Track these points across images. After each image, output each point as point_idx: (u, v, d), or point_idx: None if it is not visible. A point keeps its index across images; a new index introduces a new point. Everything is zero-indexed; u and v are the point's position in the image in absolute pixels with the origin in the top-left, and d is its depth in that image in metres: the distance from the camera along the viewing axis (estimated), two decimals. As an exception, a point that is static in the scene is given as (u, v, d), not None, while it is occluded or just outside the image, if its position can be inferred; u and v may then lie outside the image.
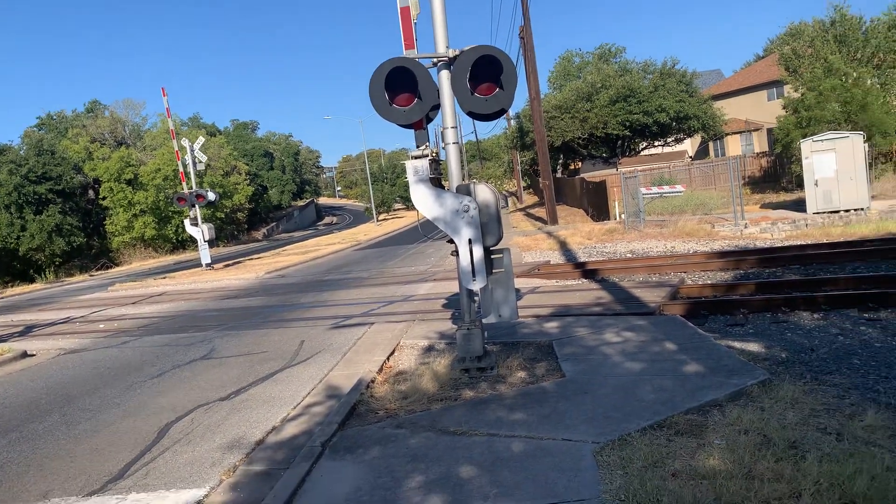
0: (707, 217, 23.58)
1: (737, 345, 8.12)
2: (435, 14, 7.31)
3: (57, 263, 50.54)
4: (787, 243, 17.22)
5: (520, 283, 13.94)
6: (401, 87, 7.32)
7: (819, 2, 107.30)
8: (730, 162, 24.63)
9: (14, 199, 49.40)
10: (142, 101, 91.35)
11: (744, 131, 52.61)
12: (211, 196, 29.33)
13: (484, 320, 7.75)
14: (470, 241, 7.06)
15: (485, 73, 7.19)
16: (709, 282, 13.09)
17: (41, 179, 50.85)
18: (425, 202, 7.26)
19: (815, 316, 9.39)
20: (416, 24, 7.35)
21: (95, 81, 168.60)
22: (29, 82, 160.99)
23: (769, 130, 46.74)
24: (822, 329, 8.70)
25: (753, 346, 8.05)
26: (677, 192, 25.43)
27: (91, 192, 59.25)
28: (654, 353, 7.59)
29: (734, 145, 52.67)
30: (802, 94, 29.68)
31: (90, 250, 56.10)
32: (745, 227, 20.41)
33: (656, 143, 46.90)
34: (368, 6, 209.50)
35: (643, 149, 48.42)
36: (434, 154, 7.58)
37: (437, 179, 7.56)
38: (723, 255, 15.76)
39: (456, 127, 7.58)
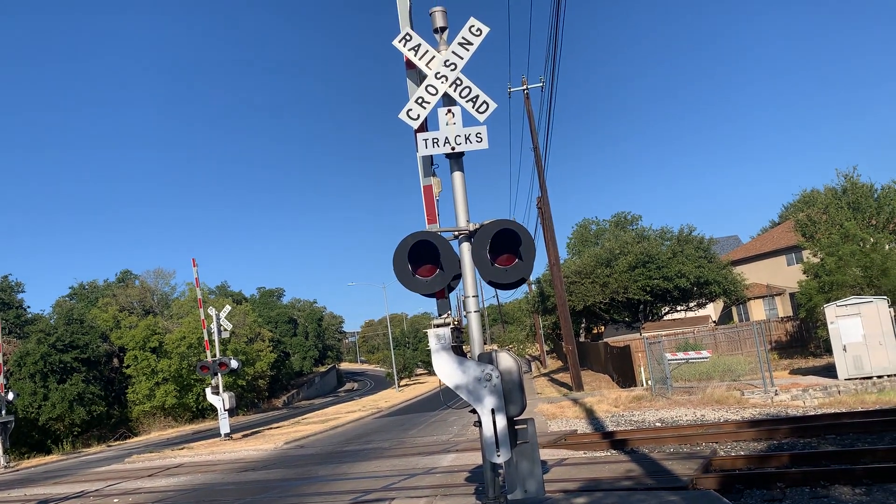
0: (735, 383, 23.07)
1: (777, 522, 7.68)
2: (456, 191, 7.66)
3: (76, 433, 49.93)
4: (820, 411, 16.69)
5: (546, 454, 13.49)
6: (423, 258, 7.55)
7: (829, 170, 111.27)
8: (755, 327, 24.43)
9: (39, 367, 49.68)
10: (172, 271, 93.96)
11: (766, 296, 52.62)
12: (233, 364, 29.41)
13: (509, 496, 7.44)
14: (493, 410, 6.96)
15: (504, 245, 7.42)
16: (742, 453, 12.59)
17: (68, 348, 51.42)
18: (447, 370, 7.25)
19: (857, 491, 8.92)
20: (438, 200, 7.70)
21: (128, 252, 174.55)
22: (64, 255, 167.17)
23: (792, 295, 46.72)
24: (866, 505, 8.24)
25: (795, 524, 7.61)
26: (703, 357, 25.09)
27: (115, 361, 59.68)
28: (690, 532, 7.18)
29: (757, 310, 52.52)
30: (822, 259, 29.92)
31: (110, 419, 55.54)
32: (776, 395, 19.90)
33: (678, 308, 46.89)
34: (389, 177, 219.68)
35: (666, 313, 48.36)
36: (456, 322, 7.66)
37: (459, 347, 7.58)
38: (755, 423, 15.27)
39: (477, 296, 7.71)
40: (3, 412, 30.21)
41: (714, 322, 54.60)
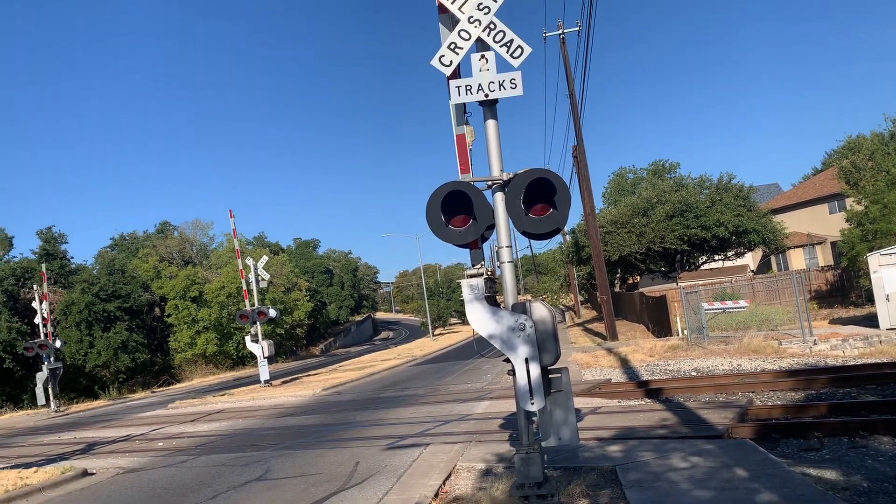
0: (773, 333, 22.81)
1: (812, 472, 7.64)
2: (489, 140, 7.53)
3: (121, 380, 51.57)
4: (860, 361, 16.45)
5: (580, 402, 13.55)
6: (457, 209, 7.47)
7: (875, 115, 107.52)
8: (794, 276, 24.03)
9: (84, 316, 51.21)
10: (210, 222, 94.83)
11: (806, 245, 51.63)
12: (272, 313, 29.93)
13: (543, 443, 7.48)
14: (527, 359, 6.94)
15: (538, 195, 7.29)
16: (779, 402, 12.50)
17: (111, 297, 52.78)
18: (481, 320, 7.22)
19: (898, 441, 8.81)
20: (471, 149, 7.57)
21: (167, 204, 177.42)
22: (105, 206, 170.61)
23: (833, 244, 45.76)
24: (906, 456, 8.14)
25: (831, 474, 7.56)
26: (741, 307, 24.79)
27: (157, 310, 61.08)
28: (724, 481, 7.18)
29: (797, 259, 51.61)
30: (866, 207, 29.14)
31: (153, 367, 57.19)
32: (815, 344, 19.62)
33: (716, 258, 46.31)
34: (423, 128, 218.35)
35: (703, 263, 47.80)
36: (489, 272, 7.59)
37: (492, 297, 7.54)
38: (792, 373, 15.11)
39: (511, 246, 7.62)
40: (52, 359, 31.27)
41: (752, 272, 53.90)
